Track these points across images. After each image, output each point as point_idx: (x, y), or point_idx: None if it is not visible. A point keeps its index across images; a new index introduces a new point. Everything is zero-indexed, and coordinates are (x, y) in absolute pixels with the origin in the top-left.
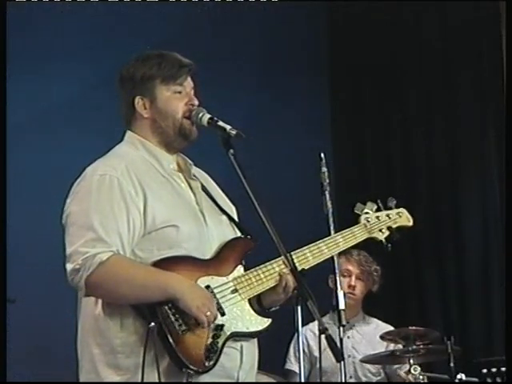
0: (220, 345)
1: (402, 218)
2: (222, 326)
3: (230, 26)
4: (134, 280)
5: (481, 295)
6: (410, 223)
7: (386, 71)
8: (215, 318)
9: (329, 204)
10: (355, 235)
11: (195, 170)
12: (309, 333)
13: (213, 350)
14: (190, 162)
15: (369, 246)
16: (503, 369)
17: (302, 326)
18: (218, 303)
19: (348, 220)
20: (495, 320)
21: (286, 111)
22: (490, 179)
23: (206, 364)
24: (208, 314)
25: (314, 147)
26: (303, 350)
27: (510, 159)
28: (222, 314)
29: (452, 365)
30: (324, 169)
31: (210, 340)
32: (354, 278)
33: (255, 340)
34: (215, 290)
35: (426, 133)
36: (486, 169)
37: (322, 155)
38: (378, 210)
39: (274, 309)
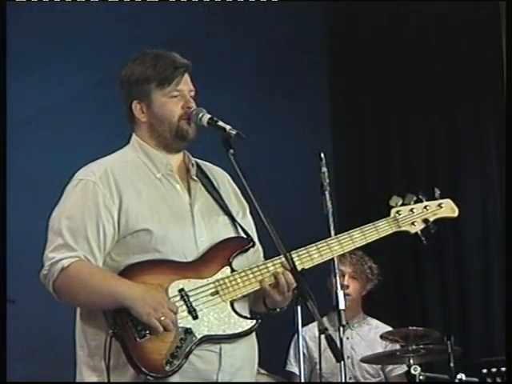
0: (187, 349)
1: (445, 208)
2: (190, 329)
3: (230, 26)
4: (90, 287)
5: (481, 295)
6: (455, 214)
7: (385, 71)
8: (173, 321)
9: (329, 204)
10: (378, 229)
11: (208, 167)
12: (308, 334)
13: (176, 354)
14: (192, 161)
15: (370, 245)
16: (503, 369)
17: (302, 326)
18: (190, 306)
19: (348, 220)
20: (495, 320)
21: (286, 111)
22: (490, 179)
23: (167, 369)
24: (162, 319)
25: (313, 147)
26: (302, 353)
27: (510, 159)
28: (195, 318)
29: (452, 365)
30: (324, 169)
31: (175, 344)
32: (347, 277)
33: (249, 342)
34: (190, 293)
35: (426, 133)
36: (486, 169)
37: (322, 155)
38: (418, 201)
39: (279, 310)
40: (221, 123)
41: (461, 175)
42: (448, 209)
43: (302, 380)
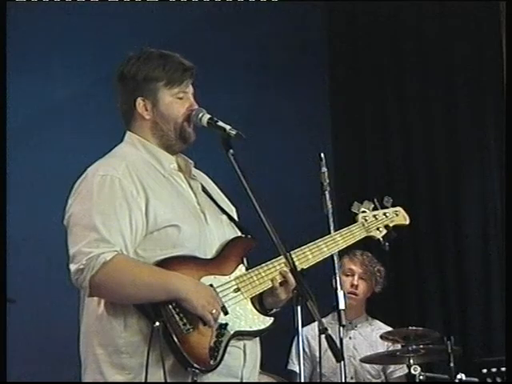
0: (224, 344)
1: (399, 216)
2: (226, 324)
3: (229, 26)
4: (139, 280)
5: (481, 295)
6: (407, 222)
7: (386, 71)
8: (220, 315)
9: (329, 204)
10: (354, 234)
11: (194, 171)
12: (310, 333)
13: (217, 348)
14: (190, 161)
15: (370, 246)
16: (503, 369)
17: (304, 326)
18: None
19: (348, 220)
20: (495, 320)
21: (286, 111)
22: (490, 179)
23: (211, 363)
24: (213, 311)
25: (314, 147)
26: (304, 350)
27: (510, 158)
28: (226, 313)
29: (452, 365)
30: (324, 169)
31: (214, 339)
32: (356, 277)
33: (257, 339)
34: (218, 289)
35: (426, 133)
36: (486, 168)
37: (322, 155)
38: (375, 208)
39: (274, 310)
40: (221, 123)
41: (461, 175)
42: (401, 216)
43: (303, 379)
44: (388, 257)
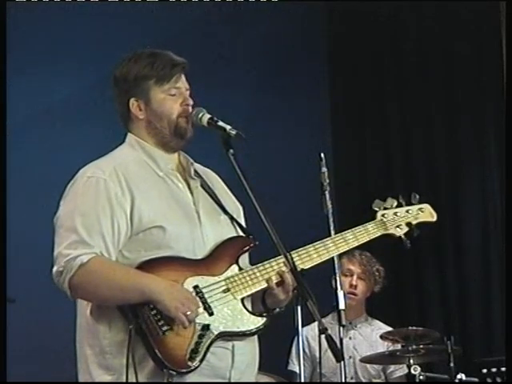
0: (206, 345)
1: (425, 213)
2: (208, 325)
3: (229, 26)
4: (113, 282)
5: (481, 295)
6: (434, 218)
7: (386, 71)
8: (197, 316)
9: (329, 204)
10: (368, 232)
11: (200, 169)
12: (310, 333)
13: (197, 350)
14: (191, 160)
15: (370, 245)
16: (503, 369)
17: (304, 326)
18: (205, 303)
19: (348, 220)
20: (495, 320)
21: (286, 111)
22: (490, 179)
23: (190, 364)
24: (188, 313)
25: (313, 147)
26: (304, 350)
27: (510, 159)
28: (210, 314)
29: (452, 365)
30: (324, 169)
31: (194, 340)
32: (355, 277)
33: (254, 339)
34: (204, 290)
35: (426, 133)
36: (486, 168)
37: (322, 155)
38: (399, 206)
39: (277, 310)
40: (221, 123)
41: (461, 175)
42: (427, 213)
43: (303, 379)
44: (388, 257)
